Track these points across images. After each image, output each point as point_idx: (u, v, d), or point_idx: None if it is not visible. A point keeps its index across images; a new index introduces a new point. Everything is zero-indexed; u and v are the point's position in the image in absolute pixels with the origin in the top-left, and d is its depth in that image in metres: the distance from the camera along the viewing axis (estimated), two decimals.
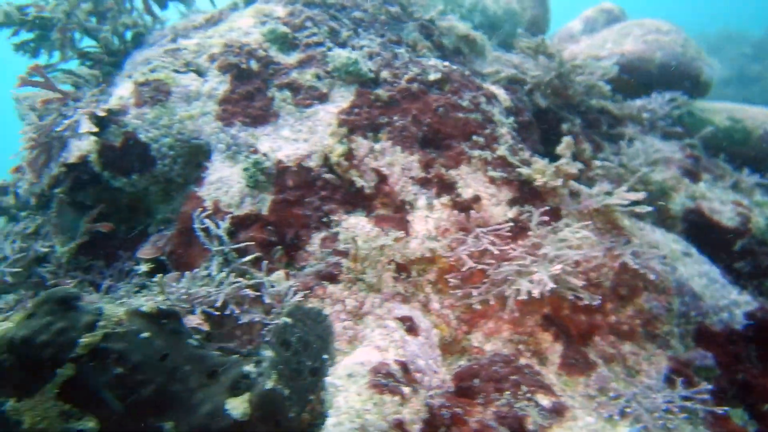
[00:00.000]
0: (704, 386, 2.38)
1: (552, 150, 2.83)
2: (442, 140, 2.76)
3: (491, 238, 2.52)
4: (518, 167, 2.72)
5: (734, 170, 3.87)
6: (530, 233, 2.56)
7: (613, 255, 2.60)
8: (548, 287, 2.29)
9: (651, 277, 2.58)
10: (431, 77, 2.93)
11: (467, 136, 2.77)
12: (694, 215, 3.43)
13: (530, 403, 2.15)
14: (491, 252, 2.47)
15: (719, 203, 3.50)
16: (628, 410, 2.21)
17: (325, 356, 2.23)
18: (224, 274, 2.47)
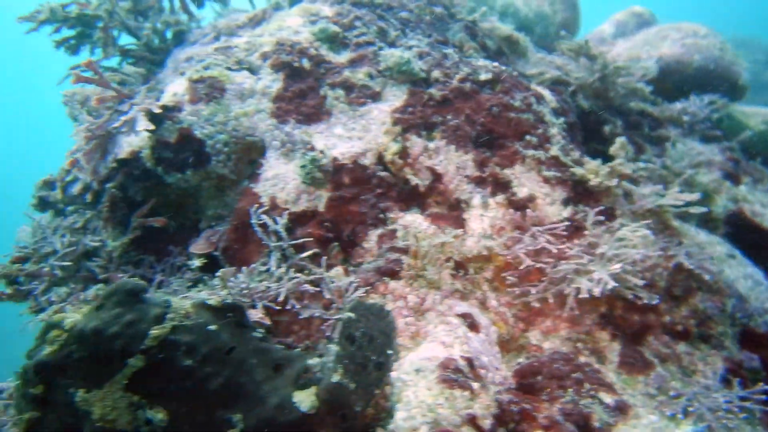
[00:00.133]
0: (761, 387, 2.39)
1: (595, 151, 2.86)
2: (496, 139, 2.78)
3: (548, 237, 2.54)
4: (571, 167, 2.74)
5: None
6: (586, 232, 2.58)
7: (668, 255, 2.62)
8: (609, 286, 2.31)
9: (706, 278, 2.60)
10: (482, 77, 2.95)
11: (520, 136, 2.79)
12: (736, 218, 3.44)
13: (594, 401, 2.17)
14: (548, 251, 2.49)
15: (760, 206, 3.51)
16: (691, 409, 2.22)
17: (390, 351, 2.25)
18: (283, 270, 2.49)
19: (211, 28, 3.94)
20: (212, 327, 2.19)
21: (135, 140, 3.00)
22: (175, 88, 2.95)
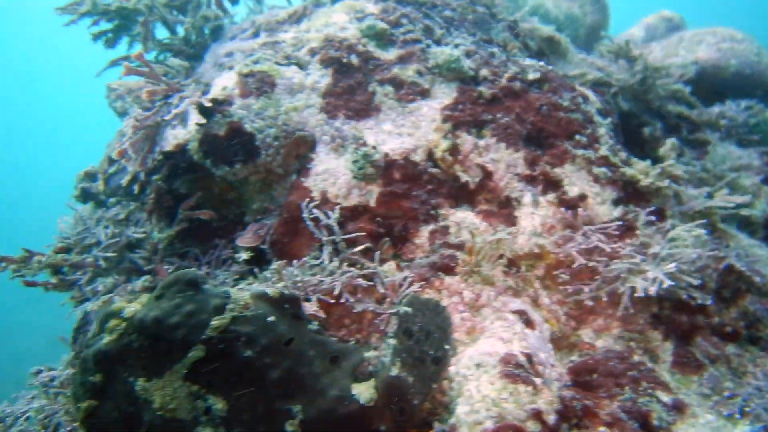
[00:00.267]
0: None
1: (634, 153, 2.86)
2: (546, 138, 2.79)
3: (599, 236, 2.54)
4: (621, 167, 2.75)
5: None
6: (638, 232, 2.58)
7: (718, 257, 2.62)
8: (665, 285, 2.31)
9: (756, 280, 2.60)
10: (530, 76, 2.96)
11: (570, 135, 2.80)
12: None
13: (652, 399, 2.17)
14: (601, 250, 2.49)
15: None
16: (748, 409, 2.22)
17: (447, 346, 2.26)
18: (336, 263, 2.50)
19: (250, 24, 3.96)
20: (271, 318, 2.19)
21: (181, 133, 3.02)
22: (224, 82, 2.97)
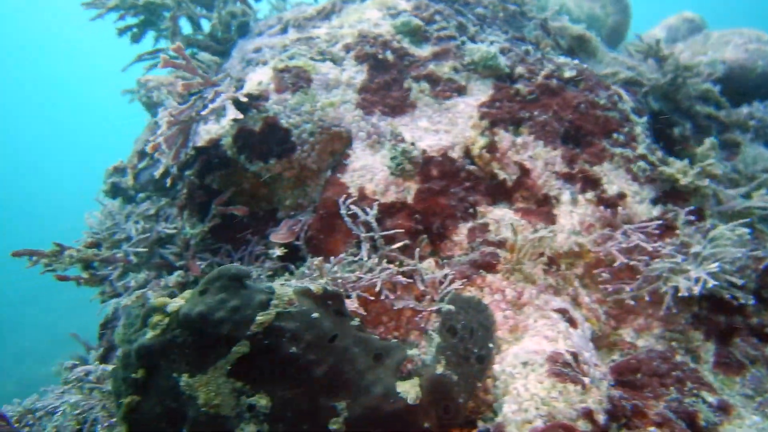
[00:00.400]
0: None
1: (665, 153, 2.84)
2: (584, 136, 2.77)
3: (640, 235, 2.53)
4: (659, 166, 2.73)
5: None
6: (678, 232, 2.57)
7: (758, 257, 2.60)
8: (710, 284, 2.30)
9: None
10: (567, 74, 2.95)
11: (608, 134, 2.79)
12: None
13: (697, 400, 2.16)
14: (642, 249, 2.48)
15: None
16: None
17: (491, 344, 2.24)
18: (375, 260, 2.49)
19: (276, 20, 3.94)
20: (315, 314, 2.18)
21: (214, 128, 3.00)
22: (259, 77, 2.95)
